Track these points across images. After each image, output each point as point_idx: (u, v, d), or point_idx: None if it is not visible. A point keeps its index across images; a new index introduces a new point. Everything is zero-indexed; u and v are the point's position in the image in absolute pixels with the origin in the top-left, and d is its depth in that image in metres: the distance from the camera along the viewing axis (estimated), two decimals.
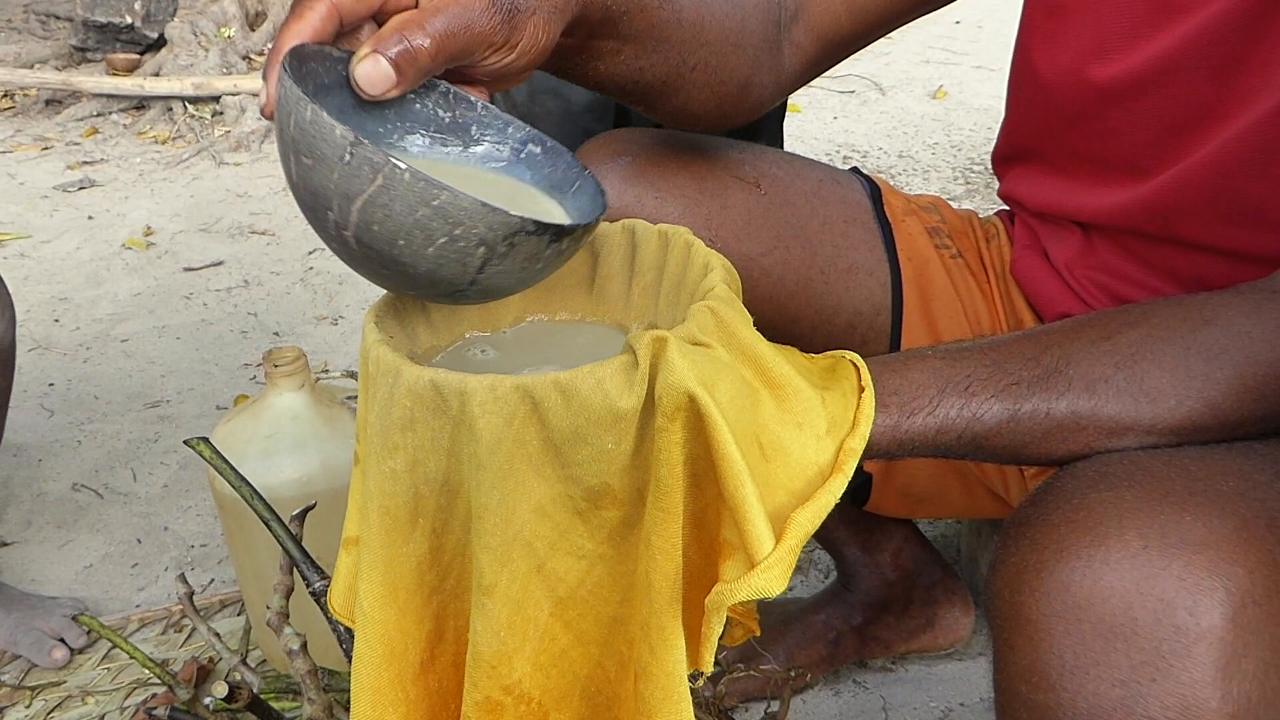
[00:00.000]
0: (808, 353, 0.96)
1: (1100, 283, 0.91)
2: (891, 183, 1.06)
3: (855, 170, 1.05)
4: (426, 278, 0.57)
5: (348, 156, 0.52)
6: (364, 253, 0.56)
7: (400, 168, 0.52)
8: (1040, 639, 0.56)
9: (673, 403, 0.52)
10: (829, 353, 0.64)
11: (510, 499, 0.55)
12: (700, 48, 0.74)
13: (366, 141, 0.52)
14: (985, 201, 2.68)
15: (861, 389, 0.60)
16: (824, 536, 1.21)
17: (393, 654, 0.61)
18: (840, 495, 0.57)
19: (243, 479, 0.98)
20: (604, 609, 0.59)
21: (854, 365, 0.62)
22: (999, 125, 1.00)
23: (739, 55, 0.79)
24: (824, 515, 0.56)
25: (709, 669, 0.58)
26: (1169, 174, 0.81)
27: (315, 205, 0.56)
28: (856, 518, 1.18)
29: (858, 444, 0.58)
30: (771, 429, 0.56)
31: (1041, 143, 0.94)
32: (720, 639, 0.57)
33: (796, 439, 0.57)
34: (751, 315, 0.94)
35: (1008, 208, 1.06)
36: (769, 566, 0.53)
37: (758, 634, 0.67)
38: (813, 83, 3.39)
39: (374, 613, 0.61)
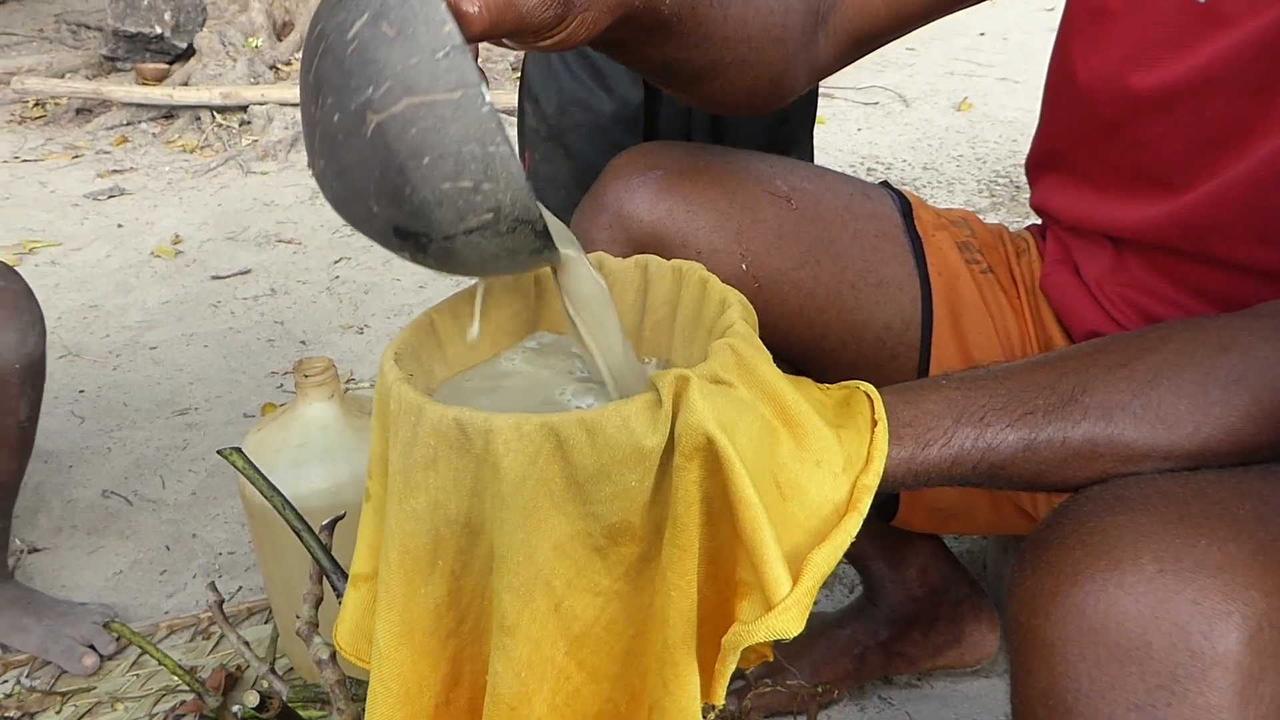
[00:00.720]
0: (836, 366, 0.97)
1: (1130, 299, 0.91)
2: (916, 195, 1.07)
3: (885, 184, 1.05)
4: (414, 208, 0.53)
5: (441, 54, 0.49)
6: (374, 145, 0.51)
7: (485, 98, 0.50)
8: (1056, 662, 0.56)
9: (691, 443, 0.53)
10: (844, 384, 0.64)
11: (533, 537, 0.55)
12: (741, 43, 0.75)
13: (469, 54, 0.49)
14: (1010, 214, 2.67)
15: (875, 423, 0.61)
16: (850, 552, 1.21)
17: (408, 695, 0.61)
18: (856, 534, 0.57)
19: (274, 489, 0.98)
20: (617, 644, 0.59)
21: (868, 397, 0.62)
22: (1024, 138, 1.01)
23: (778, 50, 0.79)
24: (840, 555, 0.56)
25: (721, 703, 0.58)
26: (1203, 190, 0.81)
27: (358, 72, 0.51)
28: (883, 533, 1.18)
29: (872, 480, 0.58)
30: (789, 468, 0.57)
31: (1076, 150, 0.93)
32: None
33: (813, 477, 0.57)
34: (781, 329, 0.94)
35: (1037, 221, 1.06)
36: (787, 608, 0.53)
37: (771, 659, 0.67)
38: (837, 94, 3.38)
39: (390, 653, 0.61)
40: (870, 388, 0.63)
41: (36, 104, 3.65)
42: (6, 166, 3.19)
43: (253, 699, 0.90)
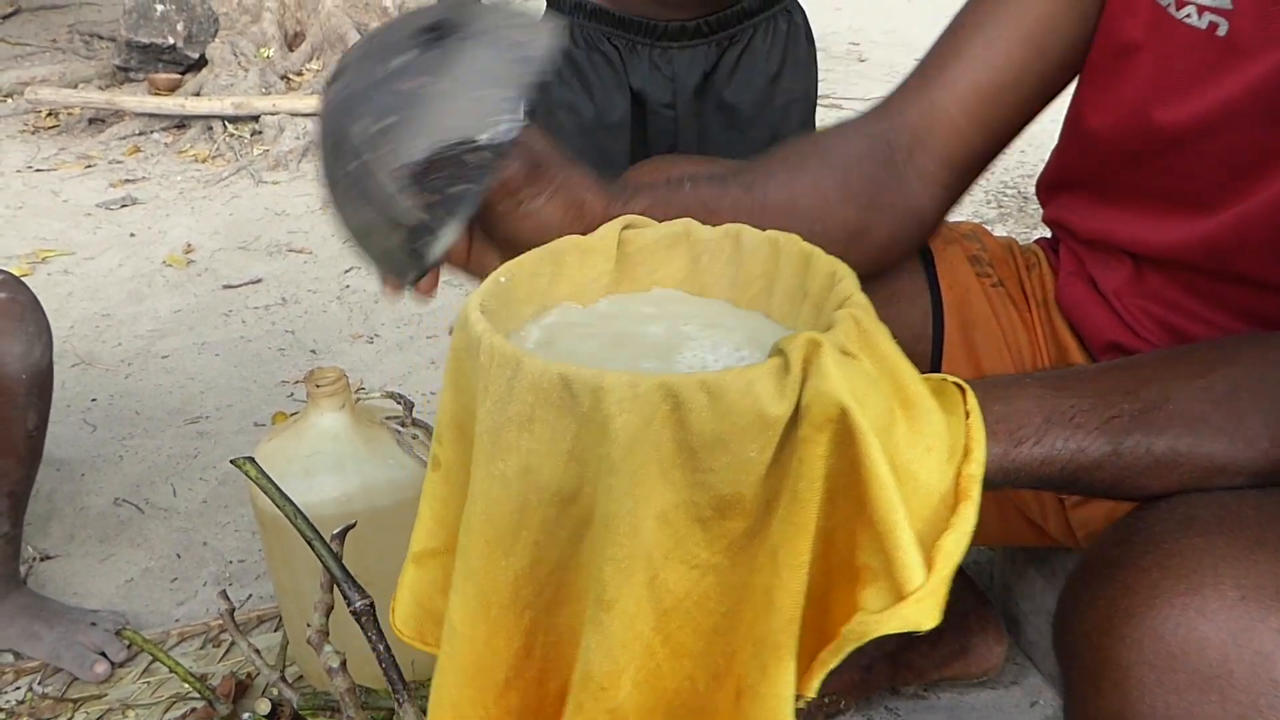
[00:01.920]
0: None
1: (1151, 312, 0.90)
2: None
3: None
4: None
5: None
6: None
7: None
8: (1130, 686, 0.55)
9: (822, 413, 0.49)
10: (930, 375, 0.62)
11: (640, 507, 0.51)
12: (790, 219, 0.74)
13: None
14: (1018, 225, 2.67)
15: (967, 414, 0.58)
16: None
17: (480, 671, 0.59)
18: (974, 524, 0.54)
19: (286, 498, 0.99)
20: (705, 621, 0.55)
21: (959, 388, 0.60)
22: (1032, 149, 1.00)
23: (845, 209, 0.80)
24: (967, 543, 0.53)
25: (813, 694, 0.55)
26: (1231, 213, 0.80)
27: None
28: None
29: (976, 470, 0.56)
30: (904, 451, 0.53)
31: (1095, 177, 0.93)
32: None
33: (925, 463, 0.54)
34: None
35: (1047, 234, 1.05)
36: (923, 598, 0.50)
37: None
38: (844, 105, 3.38)
39: (464, 629, 0.58)
40: (959, 379, 0.61)
41: (50, 114, 3.68)
42: (20, 176, 3.21)
43: (264, 707, 0.91)
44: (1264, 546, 0.56)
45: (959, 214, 2.89)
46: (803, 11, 1.35)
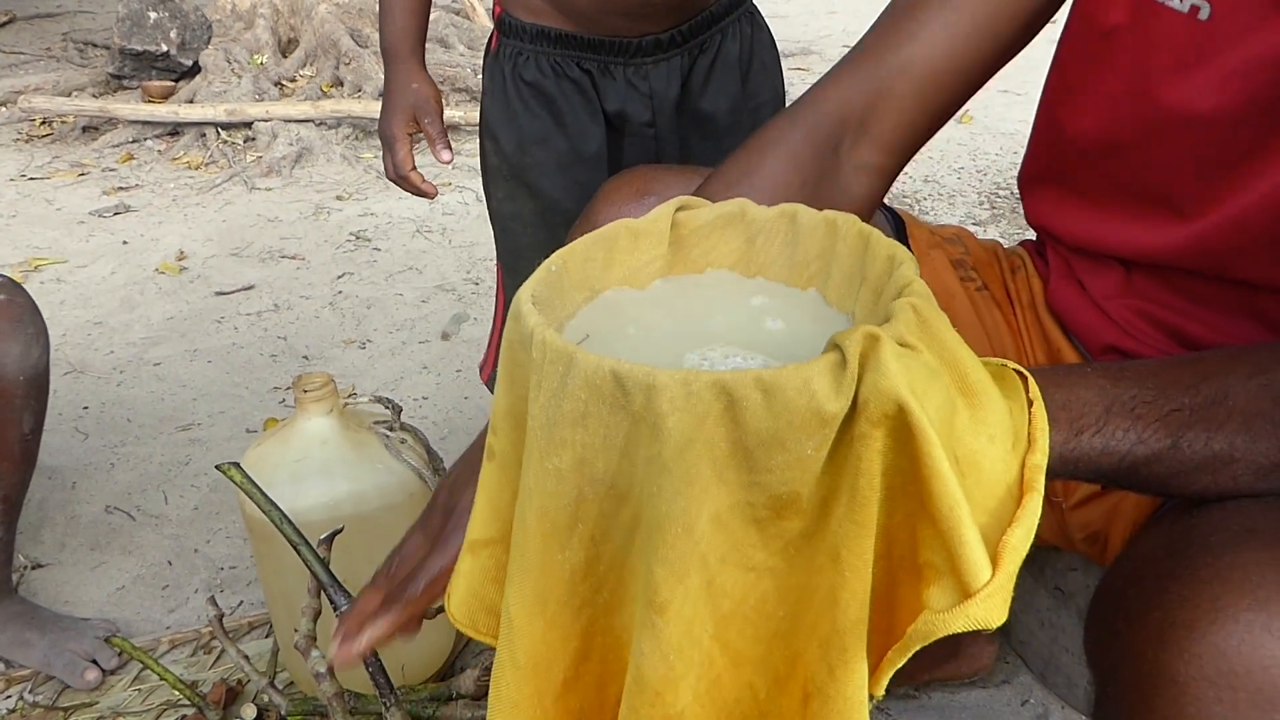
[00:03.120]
0: None
1: (1145, 313, 0.89)
2: (916, 208, 1.06)
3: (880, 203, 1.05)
4: None
5: None
6: None
7: None
8: (1187, 703, 0.53)
9: (880, 409, 0.48)
10: (989, 360, 0.60)
11: (693, 507, 0.50)
12: None
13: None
14: (1011, 226, 2.68)
15: (1030, 402, 0.57)
16: None
17: (537, 669, 0.58)
18: (1039, 516, 0.53)
19: (272, 503, 0.99)
20: (765, 626, 0.54)
21: (1019, 375, 0.58)
22: (1024, 150, 0.98)
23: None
24: (1031, 538, 0.52)
25: (881, 694, 0.53)
26: (1219, 214, 0.79)
27: None
28: None
29: (1041, 459, 0.54)
30: (966, 441, 0.52)
31: (1076, 168, 0.91)
32: None
33: (989, 454, 0.52)
34: None
35: (1033, 235, 1.05)
36: (989, 596, 0.49)
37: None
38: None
39: (521, 624, 0.57)
40: (1020, 367, 0.60)
41: (43, 122, 3.68)
42: (13, 184, 3.21)
43: (250, 712, 0.91)
44: None
45: (952, 216, 2.87)
46: (760, 13, 1.34)
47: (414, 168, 1.32)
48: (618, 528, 0.54)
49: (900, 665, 0.52)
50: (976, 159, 3.17)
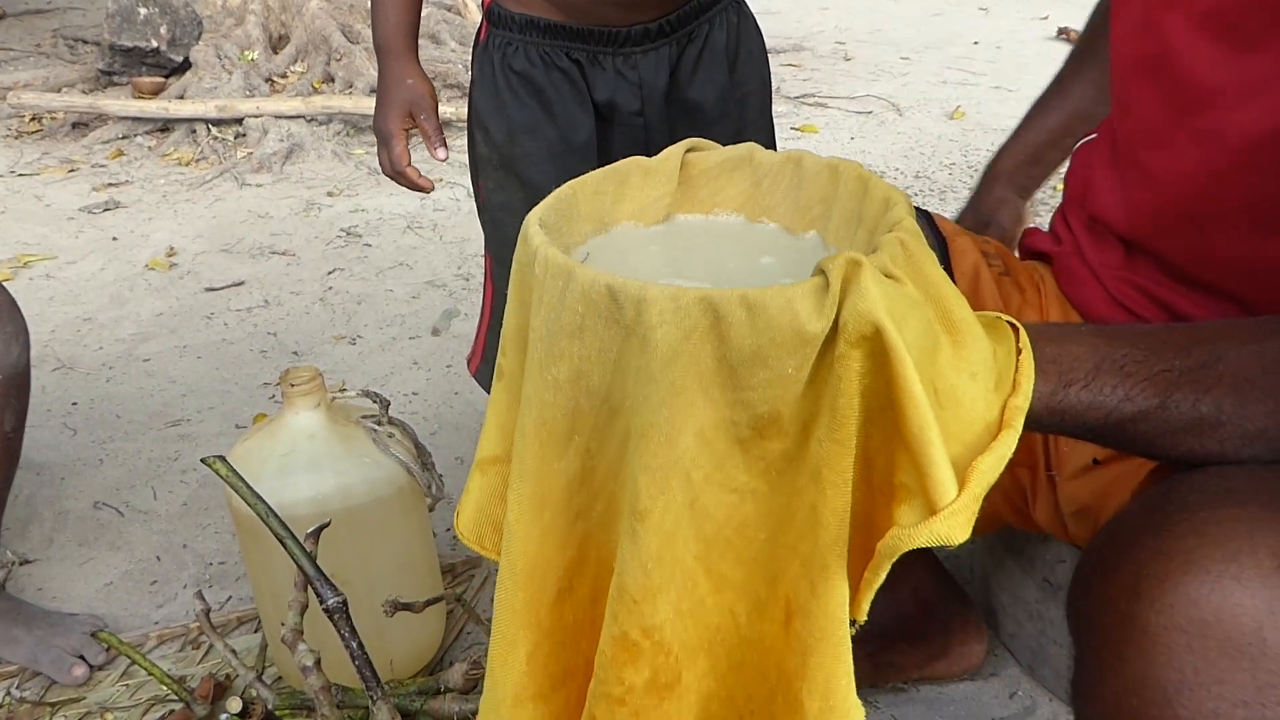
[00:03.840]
0: None
1: (1137, 285, 0.91)
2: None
3: None
4: None
5: None
6: None
7: None
8: (1159, 651, 0.54)
9: (858, 330, 0.49)
10: (983, 313, 0.61)
11: (677, 419, 0.52)
12: None
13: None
14: None
15: (1019, 350, 0.58)
16: None
17: (532, 574, 0.59)
18: (1012, 452, 0.54)
19: (258, 497, 0.99)
20: (747, 549, 0.56)
21: (1011, 327, 0.60)
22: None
23: None
24: (1002, 467, 0.53)
25: (863, 618, 0.55)
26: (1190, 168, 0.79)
27: None
28: None
29: (1022, 402, 0.56)
30: (947, 376, 0.53)
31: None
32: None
33: (969, 390, 0.54)
34: None
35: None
36: (953, 513, 0.50)
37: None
38: (830, 104, 3.39)
39: (519, 528, 0.58)
40: (1012, 319, 0.61)
41: (33, 118, 3.67)
42: (2, 181, 3.20)
43: (235, 705, 0.90)
44: None
45: (943, 212, 2.88)
46: (746, 2, 1.34)
47: (410, 163, 1.32)
48: (612, 440, 0.56)
49: (877, 585, 0.53)
50: (968, 155, 3.17)
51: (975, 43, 4.49)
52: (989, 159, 1.31)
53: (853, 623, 0.55)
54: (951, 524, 0.50)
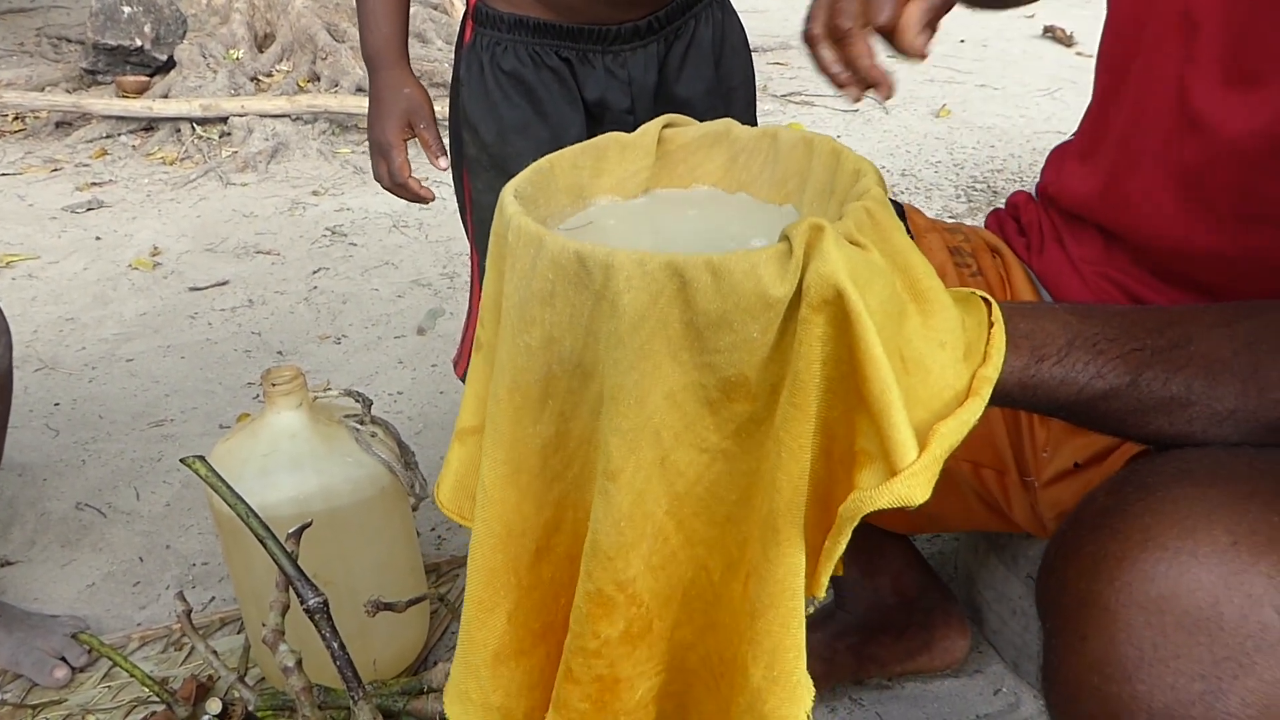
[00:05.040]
0: None
1: (1112, 278, 0.91)
2: (912, 206, 1.07)
3: None
4: None
5: None
6: None
7: None
8: (1118, 629, 0.55)
9: (820, 294, 0.50)
10: (957, 289, 0.62)
11: (646, 381, 0.53)
12: None
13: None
14: None
15: (991, 324, 0.59)
16: None
17: (510, 536, 0.60)
18: (978, 418, 0.55)
19: (238, 497, 0.98)
20: (718, 508, 0.57)
21: (985, 302, 0.61)
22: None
23: None
24: (965, 432, 0.54)
25: (822, 593, 0.55)
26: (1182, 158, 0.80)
27: None
28: (857, 539, 1.18)
29: (991, 372, 0.57)
30: (915, 344, 0.54)
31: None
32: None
33: (937, 358, 0.55)
34: None
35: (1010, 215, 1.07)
36: (913, 474, 0.51)
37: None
38: (816, 102, 3.39)
39: (495, 492, 0.59)
40: (985, 295, 0.62)
41: (16, 118, 3.65)
42: None
43: (215, 706, 0.90)
44: (1256, 498, 0.56)
45: (928, 210, 2.88)
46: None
47: (411, 174, 1.31)
48: (585, 404, 0.57)
49: (836, 555, 0.53)
50: (954, 153, 3.17)
51: (961, 41, 4.49)
52: None
53: (811, 600, 0.56)
54: (911, 484, 0.51)
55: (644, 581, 0.57)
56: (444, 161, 1.30)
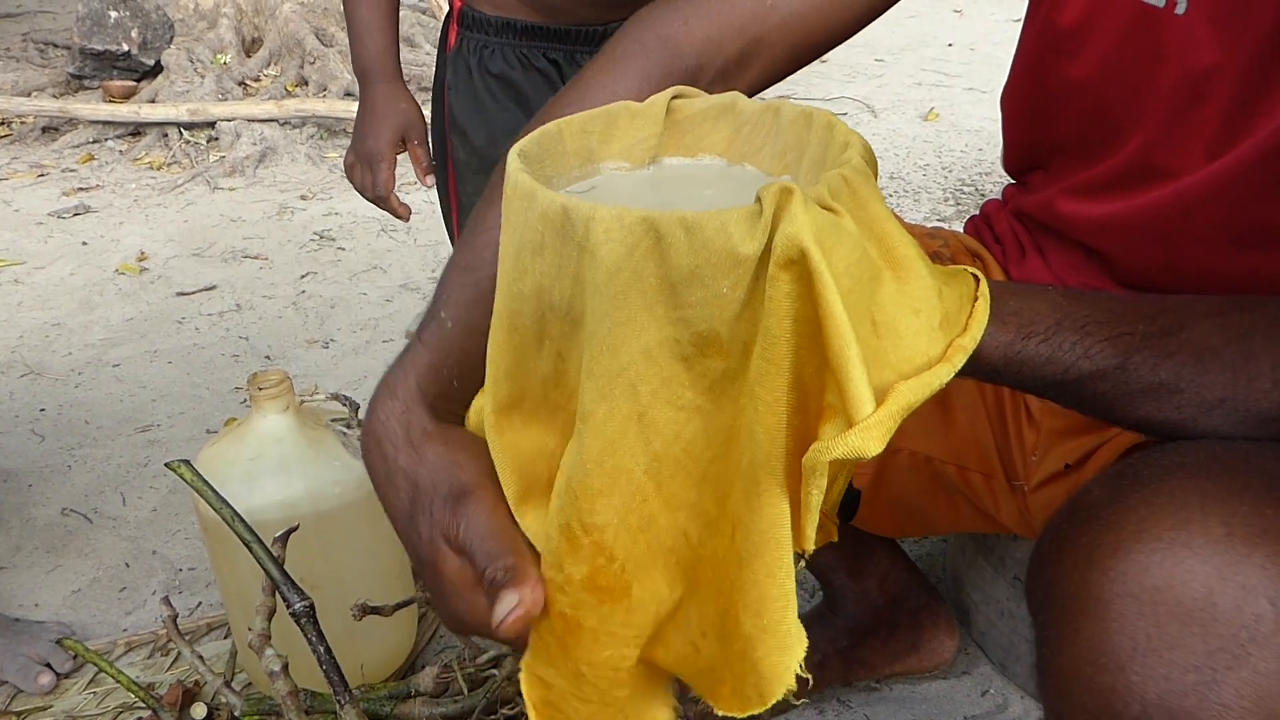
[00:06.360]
0: None
1: (1094, 287, 0.90)
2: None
3: None
4: None
5: None
6: None
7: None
8: (1112, 619, 0.55)
9: (785, 253, 0.52)
10: (950, 267, 0.63)
11: (620, 330, 0.55)
12: None
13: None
14: None
15: (977, 298, 0.60)
16: (811, 562, 1.21)
17: (522, 461, 0.63)
18: (945, 383, 0.56)
19: (224, 501, 0.98)
20: (695, 468, 0.58)
21: (974, 277, 0.61)
22: (990, 146, 1.01)
23: None
24: (928, 394, 0.55)
25: (810, 546, 0.56)
26: (1177, 186, 0.80)
27: None
28: (844, 543, 1.18)
29: (968, 343, 0.57)
30: (887, 309, 0.56)
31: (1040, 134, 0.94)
32: (800, 559, 0.56)
33: (910, 324, 0.56)
34: None
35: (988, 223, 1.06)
36: (868, 427, 0.52)
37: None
38: (805, 103, 3.40)
39: (501, 420, 0.63)
40: (975, 270, 0.62)
41: (2, 123, 3.63)
42: None
43: (201, 711, 0.90)
44: (1250, 489, 0.56)
45: (917, 213, 2.88)
46: None
47: (394, 190, 1.32)
48: (576, 350, 0.59)
49: (814, 508, 0.54)
50: (942, 156, 3.18)
51: (950, 45, 4.51)
52: None
53: (800, 556, 0.56)
54: (866, 437, 0.52)
55: (615, 535, 0.59)
56: (431, 179, 1.31)
